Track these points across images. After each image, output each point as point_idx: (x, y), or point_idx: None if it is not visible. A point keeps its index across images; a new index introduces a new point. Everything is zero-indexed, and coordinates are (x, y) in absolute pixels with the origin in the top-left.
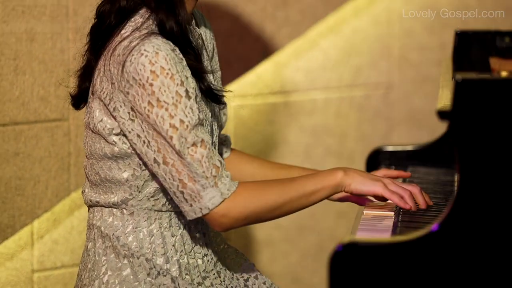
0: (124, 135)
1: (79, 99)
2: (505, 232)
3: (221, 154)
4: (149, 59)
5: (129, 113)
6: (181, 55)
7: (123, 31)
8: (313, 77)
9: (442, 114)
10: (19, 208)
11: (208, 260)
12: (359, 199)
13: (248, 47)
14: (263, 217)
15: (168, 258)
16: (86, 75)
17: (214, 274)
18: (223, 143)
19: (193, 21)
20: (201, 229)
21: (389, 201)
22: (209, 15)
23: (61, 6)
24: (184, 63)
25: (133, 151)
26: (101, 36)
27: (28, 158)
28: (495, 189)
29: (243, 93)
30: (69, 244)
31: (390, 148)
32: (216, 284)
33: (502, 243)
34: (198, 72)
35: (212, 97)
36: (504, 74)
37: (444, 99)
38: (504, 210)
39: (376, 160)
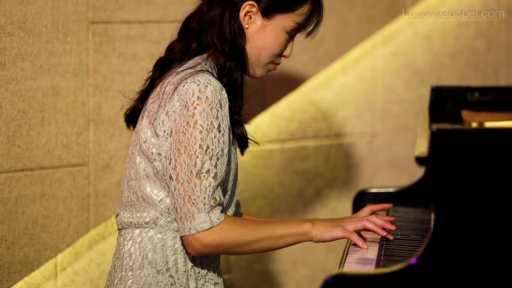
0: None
1: (130, 117)
2: (474, 265)
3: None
4: (199, 88)
5: (164, 131)
6: (226, 95)
7: (180, 68)
8: (306, 127)
9: (420, 160)
10: (44, 243)
11: (219, 287)
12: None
13: (248, 100)
14: (232, 250)
15: (188, 276)
16: (142, 97)
17: None
18: (236, 206)
19: None
20: (214, 260)
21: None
22: None
23: (82, 65)
24: (227, 104)
25: None
26: (163, 67)
27: (52, 199)
28: (467, 226)
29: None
30: (88, 275)
31: (374, 190)
32: None
33: (471, 275)
34: (235, 118)
35: (242, 142)
36: (474, 125)
37: (422, 147)
38: (473, 245)
39: (362, 201)
